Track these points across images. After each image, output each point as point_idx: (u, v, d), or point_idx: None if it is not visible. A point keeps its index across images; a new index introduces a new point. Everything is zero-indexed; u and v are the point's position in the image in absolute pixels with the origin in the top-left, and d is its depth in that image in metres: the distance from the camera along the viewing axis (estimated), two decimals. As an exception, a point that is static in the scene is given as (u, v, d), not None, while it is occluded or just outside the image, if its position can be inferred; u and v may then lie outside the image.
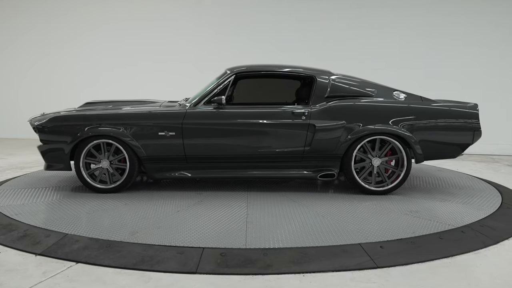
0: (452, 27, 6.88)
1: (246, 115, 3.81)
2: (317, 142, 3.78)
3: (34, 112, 9.08)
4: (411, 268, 2.36)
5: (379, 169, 3.85)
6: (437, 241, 2.72)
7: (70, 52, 8.84)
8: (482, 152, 6.82)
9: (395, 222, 3.07)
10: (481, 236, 2.85)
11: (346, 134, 3.76)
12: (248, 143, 3.80)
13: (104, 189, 3.92)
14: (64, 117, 3.93)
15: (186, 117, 3.81)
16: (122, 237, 2.75)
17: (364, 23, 7.22)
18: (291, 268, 2.33)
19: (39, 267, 2.39)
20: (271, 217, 3.20)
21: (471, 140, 3.81)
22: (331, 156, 3.82)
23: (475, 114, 3.81)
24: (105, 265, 2.39)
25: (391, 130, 3.74)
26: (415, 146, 3.76)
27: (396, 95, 3.96)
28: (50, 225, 3.00)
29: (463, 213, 3.31)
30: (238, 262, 2.40)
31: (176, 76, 8.05)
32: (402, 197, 3.82)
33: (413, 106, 3.84)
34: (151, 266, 2.37)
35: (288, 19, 7.57)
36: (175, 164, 3.89)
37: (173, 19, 8.15)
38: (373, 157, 3.83)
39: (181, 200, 3.70)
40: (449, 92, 6.37)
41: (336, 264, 2.39)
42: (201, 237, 2.76)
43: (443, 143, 3.82)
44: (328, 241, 2.69)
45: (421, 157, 3.81)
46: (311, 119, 3.77)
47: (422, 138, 3.78)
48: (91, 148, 3.87)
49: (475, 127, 3.79)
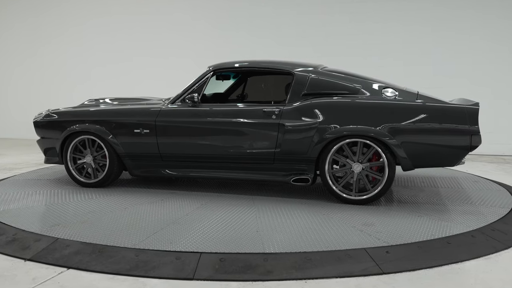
0: (459, 21, 6.88)
1: (217, 114, 3.84)
2: (287, 144, 3.63)
3: (23, 111, 9.10)
4: (418, 274, 2.35)
5: (362, 176, 3.55)
6: (445, 246, 2.72)
7: (60, 47, 8.84)
8: (492, 152, 6.82)
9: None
10: (492, 240, 2.85)
11: (319, 135, 3.54)
12: (219, 143, 3.82)
13: (87, 183, 4.25)
14: (55, 113, 4.37)
15: (160, 114, 3.95)
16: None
17: (367, 17, 7.22)
18: (293, 274, 2.33)
19: (29, 273, 2.38)
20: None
21: (468, 145, 3.35)
22: (303, 159, 3.64)
23: (474, 116, 3.34)
24: (98, 271, 2.38)
25: (364, 131, 3.44)
26: (397, 150, 3.41)
27: (385, 92, 3.64)
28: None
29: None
30: (237, 268, 2.40)
31: (173, 72, 8.04)
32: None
33: (396, 104, 3.51)
34: (145, 272, 2.36)
35: (288, 13, 7.56)
36: (151, 162, 4.06)
37: (168, 12, 8.15)
38: (353, 162, 3.55)
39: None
40: (457, 89, 6.37)
41: (340, 270, 2.38)
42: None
43: (433, 147, 3.41)
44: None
45: (407, 162, 3.45)
46: (282, 119, 3.63)
47: (407, 140, 3.41)
48: (77, 143, 4.21)
49: (472, 130, 3.33)
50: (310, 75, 3.76)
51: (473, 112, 3.35)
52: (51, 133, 4.31)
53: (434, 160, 3.50)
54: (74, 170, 4.26)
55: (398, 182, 4.50)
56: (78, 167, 4.28)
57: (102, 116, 4.14)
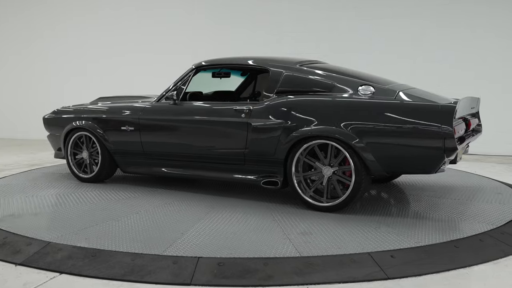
0: (467, 16, 6.87)
1: (191, 112, 3.93)
2: (254, 144, 3.60)
3: (12, 109, 9.10)
4: (424, 280, 2.36)
5: (333, 181, 3.40)
6: (452, 250, 2.72)
7: (52, 44, 8.84)
8: (502, 152, 6.81)
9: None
10: (501, 244, 2.85)
11: (285, 136, 3.45)
12: (194, 142, 3.91)
13: (83, 178, 4.57)
14: (60, 110, 4.79)
15: (144, 112, 4.15)
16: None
17: (372, 12, 7.22)
18: (294, 279, 2.33)
19: (19, 278, 2.38)
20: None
21: (442, 149, 2.99)
22: (272, 161, 3.57)
23: (448, 115, 2.98)
24: (91, 276, 2.39)
25: (329, 132, 3.29)
26: (363, 153, 3.19)
27: (360, 89, 3.39)
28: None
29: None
30: (236, 273, 2.40)
31: (170, 68, 8.03)
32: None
33: (363, 102, 3.31)
34: (141, 277, 2.37)
35: (290, 7, 7.56)
36: (138, 159, 4.26)
37: (164, 6, 8.14)
38: (324, 165, 3.44)
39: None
40: (465, 87, 6.37)
41: (343, 275, 2.38)
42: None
43: (403, 150, 3.13)
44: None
45: (377, 166, 3.22)
46: (251, 118, 3.60)
47: (374, 141, 3.18)
48: (77, 140, 4.55)
49: (445, 133, 2.97)
50: (284, 71, 3.68)
51: (447, 111, 3.00)
52: (56, 129, 4.72)
53: (407, 165, 3.27)
54: (74, 165, 4.60)
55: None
56: (78, 162, 4.61)
57: (96, 114, 4.44)
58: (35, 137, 8.79)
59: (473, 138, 3.66)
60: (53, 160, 5.80)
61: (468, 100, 3.51)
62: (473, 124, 3.78)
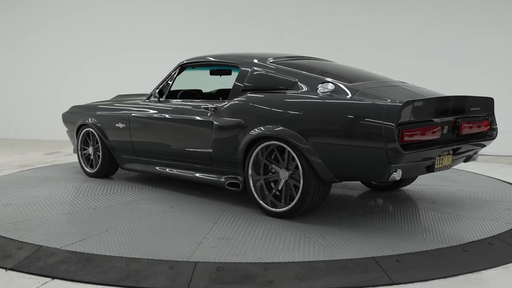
0: (472, 12, 6.87)
1: (167, 110, 4.09)
2: (215, 143, 3.63)
3: (4, 108, 9.10)
4: (431, 285, 2.35)
5: (290, 185, 3.29)
6: (461, 254, 2.71)
7: (46, 40, 8.84)
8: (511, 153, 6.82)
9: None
10: (511, 248, 2.84)
11: (242, 136, 3.44)
12: (168, 140, 4.08)
13: (88, 173, 4.90)
14: (74, 107, 5.19)
15: (133, 110, 4.38)
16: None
17: (375, 7, 7.22)
18: (296, 285, 2.32)
19: (10, 284, 2.38)
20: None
21: (384, 152, 2.79)
22: (232, 162, 3.56)
23: (391, 115, 2.75)
24: (85, 281, 2.38)
25: (278, 132, 3.20)
26: (309, 155, 3.07)
27: (319, 87, 3.24)
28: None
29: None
30: (235, 278, 2.39)
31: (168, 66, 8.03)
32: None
33: (309, 102, 3.21)
34: (137, 282, 2.36)
35: (291, 3, 7.56)
36: (131, 156, 4.47)
37: (162, 2, 8.15)
38: (280, 168, 3.33)
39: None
40: (472, 84, 6.37)
41: (347, 280, 2.38)
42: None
43: (348, 153, 2.99)
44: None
45: (323, 168, 3.06)
46: (215, 116, 3.64)
47: (318, 142, 3.06)
48: (85, 136, 4.86)
49: (387, 135, 2.75)
50: (251, 68, 3.66)
51: (391, 110, 2.77)
52: (70, 125, 5.14)
53: (356, 170, 3.08)
54: (83, 160, 4.97)
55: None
56: (88, 158, 4.94)
57: (97, 111, 4.75)
58: (27, 136, 8.81)
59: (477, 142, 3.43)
60: (45, 161, 5.79)
61: (450, 99, 3.20)
62: (472, 128, 3.37)
